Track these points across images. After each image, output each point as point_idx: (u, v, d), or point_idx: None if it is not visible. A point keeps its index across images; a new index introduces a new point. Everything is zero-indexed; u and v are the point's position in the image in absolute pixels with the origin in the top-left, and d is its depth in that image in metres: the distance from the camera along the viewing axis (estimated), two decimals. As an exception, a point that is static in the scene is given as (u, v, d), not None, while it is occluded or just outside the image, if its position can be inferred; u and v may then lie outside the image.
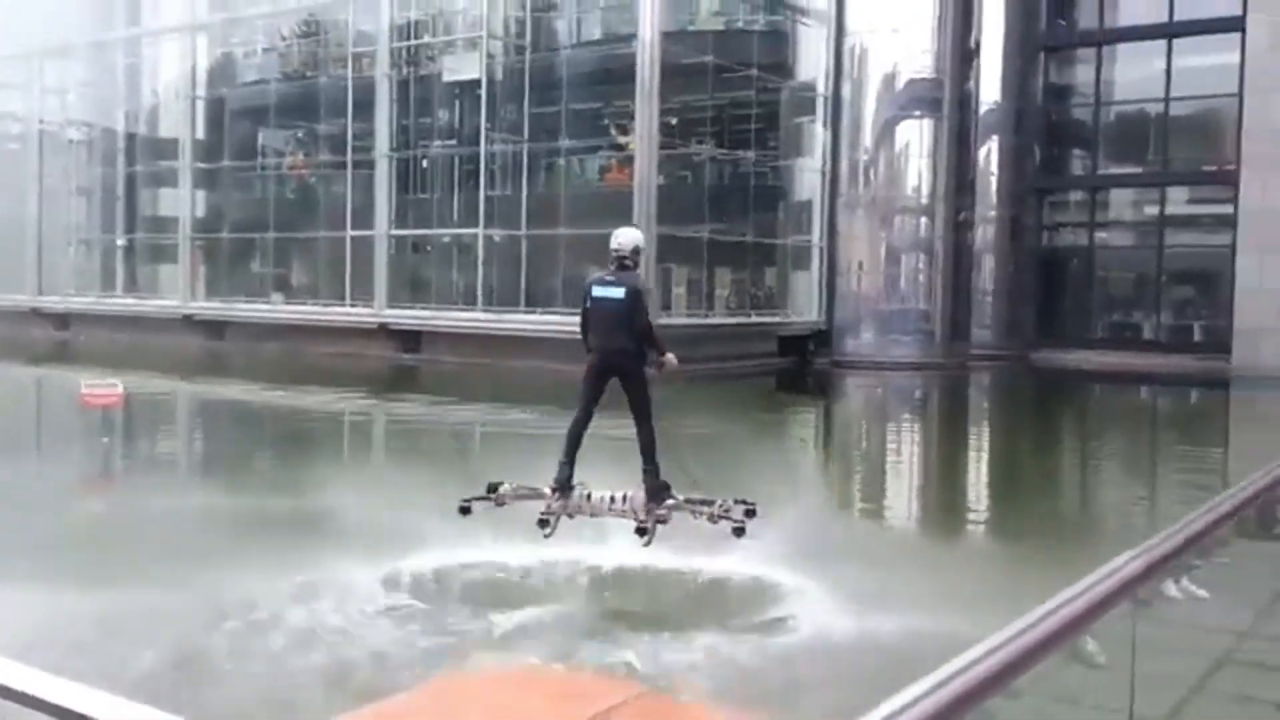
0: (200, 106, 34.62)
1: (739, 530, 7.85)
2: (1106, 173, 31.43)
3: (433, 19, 29.43)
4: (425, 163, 29.56)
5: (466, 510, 8.21)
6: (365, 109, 29.44)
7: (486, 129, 27.52)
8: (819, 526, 8.94)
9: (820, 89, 28.84)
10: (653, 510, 7.97)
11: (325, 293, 30.88)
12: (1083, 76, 31.26)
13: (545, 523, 8.01)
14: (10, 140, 40.94)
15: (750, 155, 28.75)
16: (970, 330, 28.72)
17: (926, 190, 27.63)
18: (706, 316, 27.91)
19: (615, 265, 8.16)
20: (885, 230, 28.03)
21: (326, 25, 32.08)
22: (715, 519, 7.97)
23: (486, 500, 8.29)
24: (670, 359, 8.28)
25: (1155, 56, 29.02)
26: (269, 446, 16.41)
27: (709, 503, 8.07)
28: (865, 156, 28.06)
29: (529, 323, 25.83)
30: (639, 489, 8.08)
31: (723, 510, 7.96)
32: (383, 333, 28.42)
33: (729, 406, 18.52)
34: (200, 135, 34.46)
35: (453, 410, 20.61)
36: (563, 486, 8.10)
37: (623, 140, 26.20)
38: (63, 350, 32.46)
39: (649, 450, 8.11)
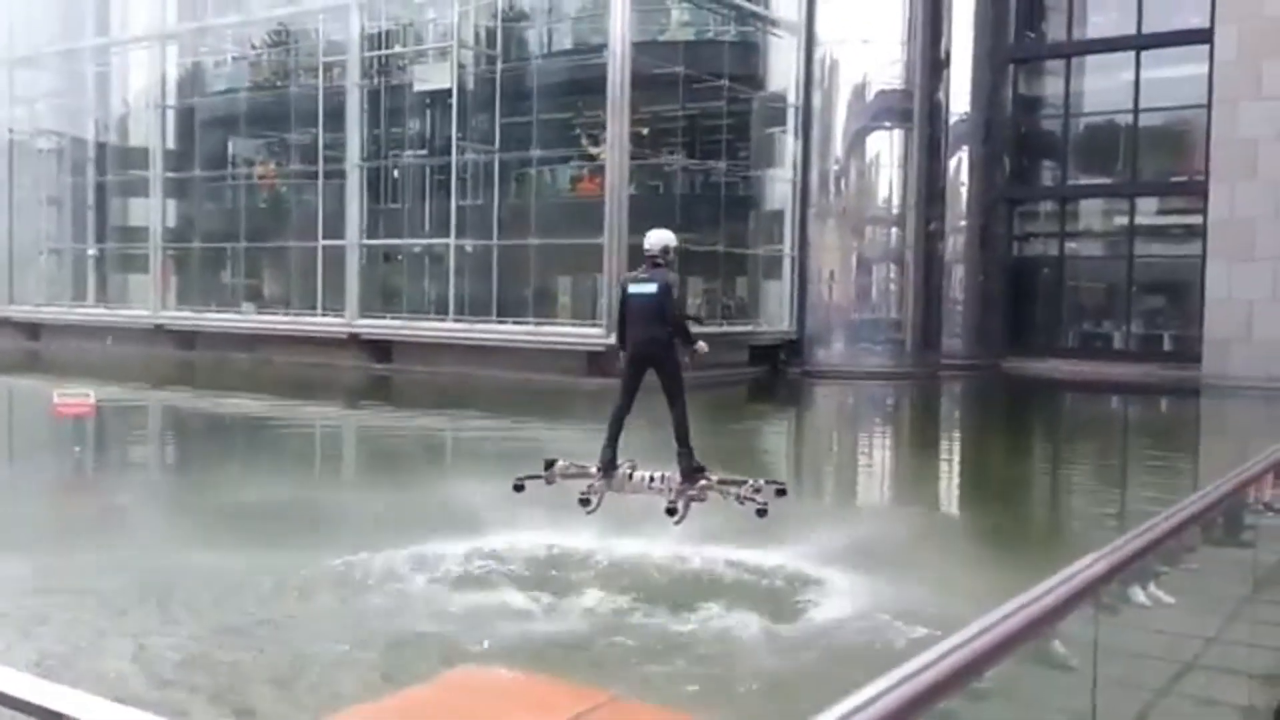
0: (170, 116, 34.44)
1: (761, 512, 8.20)
2: (1076, 183, 31.56)
3: (403, 28, 29.41)
4: (396, 172, 29.53)
5: (520, 488, 8.74)
6: (336, 118, 29.35)
7: (458, 139, 27.50)
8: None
9: (791, 99, 28.82)
10: (684, 490, 8.35)
11: (296, 303, 30.74)
12: (1052, 88, 31.38)
13: (587, 501, 8.49)
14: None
15: (721, 165, 28.73)
16: (941, 340, 28.74)
17: (897, 200, 27.70)
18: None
19: (648, 264, 8.95)
20: (856, 240, 28.06)
21: (297, 35, 31.96)
22: (743, 500, 8.33)
23: (537, 479, 8.81)
24: (701, 346, 8.86)
25: (1124, 68, 29.15)
26: (237, 455, 16.34)
27: (740, 483, 8.49)
28: (836, 167, 28.09)
29: (501, 332, 25.81)
30: (676, 469, 8.55)
31: (753, 490, 8.25)
32: (354, 342, 28.30)
33: (698, 418, 18.47)
34: (171, 145, 34.26)
35: (418, 418, 20.55)
36: (607, 467, 8.64)
37: (594, 150, 26.15)
38: (33, 360, 32.17)
39: (683, 433, 8.64)
